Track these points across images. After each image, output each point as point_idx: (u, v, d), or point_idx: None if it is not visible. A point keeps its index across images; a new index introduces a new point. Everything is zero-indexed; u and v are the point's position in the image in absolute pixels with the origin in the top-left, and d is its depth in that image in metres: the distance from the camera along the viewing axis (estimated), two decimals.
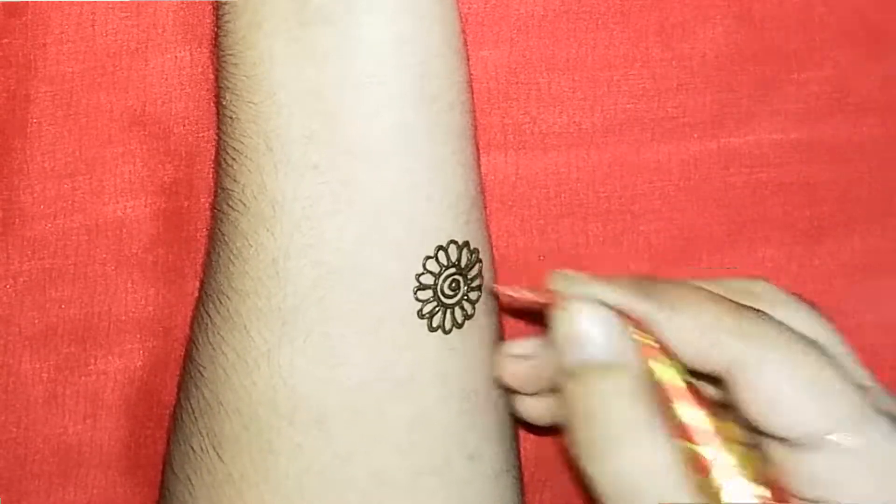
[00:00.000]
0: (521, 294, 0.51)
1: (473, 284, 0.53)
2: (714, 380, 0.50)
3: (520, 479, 0.57)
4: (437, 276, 0.52)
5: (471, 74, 0.58)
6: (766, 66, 0.64)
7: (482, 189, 0.56)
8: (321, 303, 0.51)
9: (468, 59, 0.56)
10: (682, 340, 0.49)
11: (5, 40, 0.60)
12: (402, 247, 0.51)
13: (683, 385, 0.49)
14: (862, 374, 0.51)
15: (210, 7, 0.59)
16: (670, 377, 0.49)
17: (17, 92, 0.61)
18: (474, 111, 0.57)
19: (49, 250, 0.62)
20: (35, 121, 0.61)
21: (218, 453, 0.52)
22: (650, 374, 0.49)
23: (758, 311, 0.49)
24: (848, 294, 0.64)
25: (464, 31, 0.56)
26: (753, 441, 0.50)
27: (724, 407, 0.50)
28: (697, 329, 0.48)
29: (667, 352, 0.49)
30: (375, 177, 0.51)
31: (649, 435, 0.47)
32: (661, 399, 0.48)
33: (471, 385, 0.54)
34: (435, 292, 0.52)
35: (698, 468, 0.47)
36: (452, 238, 0.52)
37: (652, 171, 0.64)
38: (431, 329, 0.52)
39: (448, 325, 0.52)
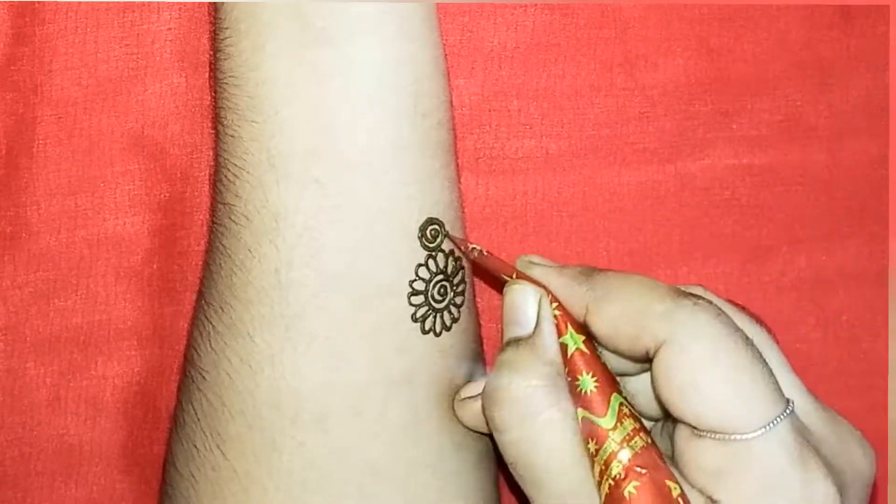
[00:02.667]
0: (489, 260, 0.57)
1: (458, 290, 0.57)
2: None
3: (496, 467, 0.61)
4: (427, 282, 0.56)
5: None
6: (722, 97, 0.68)
7: (462, 203, 0.60)
8: (322, 309, 0.54)
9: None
10: (615, 328, 0.52)
11: (14, 67, 0.64)
12: (397, 255, 0.55)
13: (591, 355, 0.53)
14: (792, 381, 0.54)
15: (204, 36, 0.63)
16: (582, 350, 0.53)
17: (25, 115, 0.64)
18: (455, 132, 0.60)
19: (53, 263, 0.65)
20: (41, 142, 0.64)
21: (222, 451, 0.56)
22: (564, 346, 0.54)
23: (698, 298, 0.51)
24: (795, 308, 0.68)
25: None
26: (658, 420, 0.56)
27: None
28: (627, 315, 0.51)
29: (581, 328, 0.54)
30: (373, 189, 0.55)
31: (540, 408, 0.52)
32: (570, 370, 0.53)
33: (457, 382, 0.58)
34: (426, 297, 0.56)
35: (593, 437, 0.51)
36: (440, 247, 0.56)
37: (613, 193, 0.68)
38: (424, 332, 0.56)
39: (438, 328, 0.57)
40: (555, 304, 0.55)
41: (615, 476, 0.50)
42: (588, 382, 0.52)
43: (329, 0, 0.54)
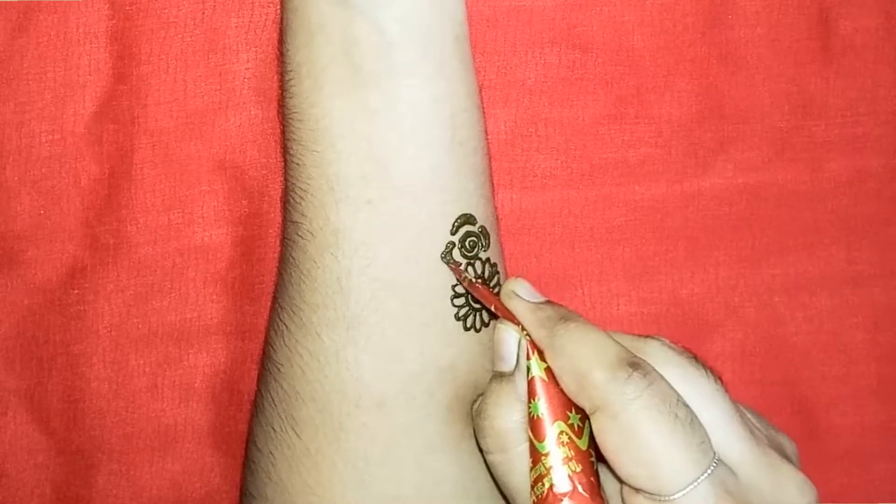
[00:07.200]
0: (477, 289, 0.56)
1: (494, 292, 0.57)
2: None
3: None
4: None
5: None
6: (720, 124, 0.68)
7: (497, 217, 0.60)
8: (378, 311, 0.55)
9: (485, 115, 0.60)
10: (560, 378, 0.51)
11: (115, 102, 0.64)
12: (440, 264, 0.56)
13: (549, 383, 0.52)
14: (734, 431, 0.51)
15: (276, 74, 0.63)
16: (541, 377, 0.52)
17: (124, 143, 0.65)
18: (490, 155, 0.60)
19: (150, 269, 0.66)
20: (138, 166, 0.65)
21: (296, 432, 0.56)
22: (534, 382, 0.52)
23: (639, 368, 0.49)
24: (786, 307, 0.68)
25: (480, 94, 0.60)
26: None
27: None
28: (572, 373, 0.50)
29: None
30: (417, 208, 0.55)
31: (514, 443, 0.52)
32: (529, 392, 0.52)
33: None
34: (467, 299, 0.56)
35: (531, 455, 0.51)
36: (478, 255, 0.57)
37: (627, 208, 0.68)
38: (466, 329, 0.56)
39: (478, 325, 0.57)
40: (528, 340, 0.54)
41: (538, 495, 0.51)
42: (536, 408, 0.52)
43: (377, 46, 0.55)
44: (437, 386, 0.56)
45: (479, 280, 0.57)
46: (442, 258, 0.56)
